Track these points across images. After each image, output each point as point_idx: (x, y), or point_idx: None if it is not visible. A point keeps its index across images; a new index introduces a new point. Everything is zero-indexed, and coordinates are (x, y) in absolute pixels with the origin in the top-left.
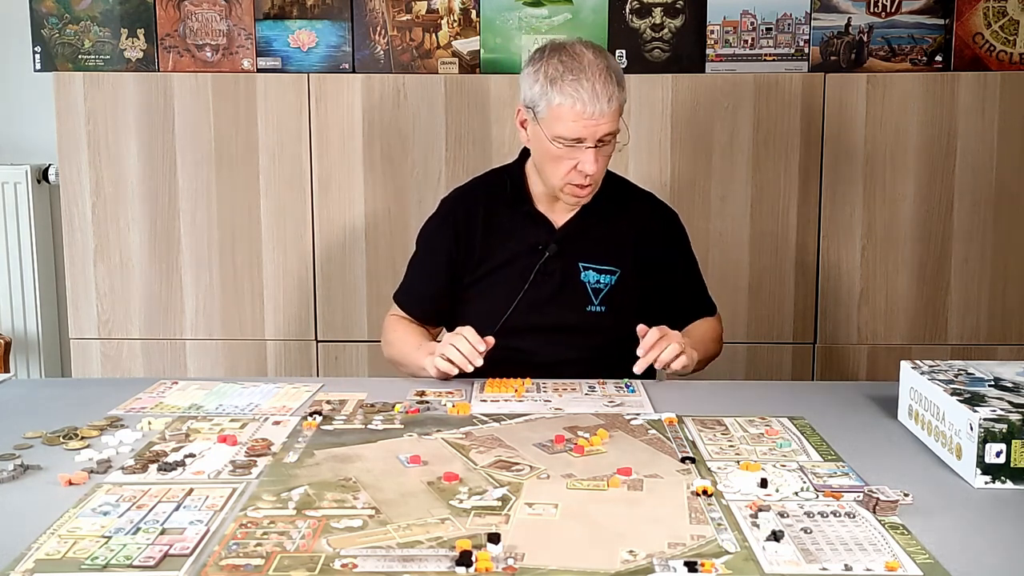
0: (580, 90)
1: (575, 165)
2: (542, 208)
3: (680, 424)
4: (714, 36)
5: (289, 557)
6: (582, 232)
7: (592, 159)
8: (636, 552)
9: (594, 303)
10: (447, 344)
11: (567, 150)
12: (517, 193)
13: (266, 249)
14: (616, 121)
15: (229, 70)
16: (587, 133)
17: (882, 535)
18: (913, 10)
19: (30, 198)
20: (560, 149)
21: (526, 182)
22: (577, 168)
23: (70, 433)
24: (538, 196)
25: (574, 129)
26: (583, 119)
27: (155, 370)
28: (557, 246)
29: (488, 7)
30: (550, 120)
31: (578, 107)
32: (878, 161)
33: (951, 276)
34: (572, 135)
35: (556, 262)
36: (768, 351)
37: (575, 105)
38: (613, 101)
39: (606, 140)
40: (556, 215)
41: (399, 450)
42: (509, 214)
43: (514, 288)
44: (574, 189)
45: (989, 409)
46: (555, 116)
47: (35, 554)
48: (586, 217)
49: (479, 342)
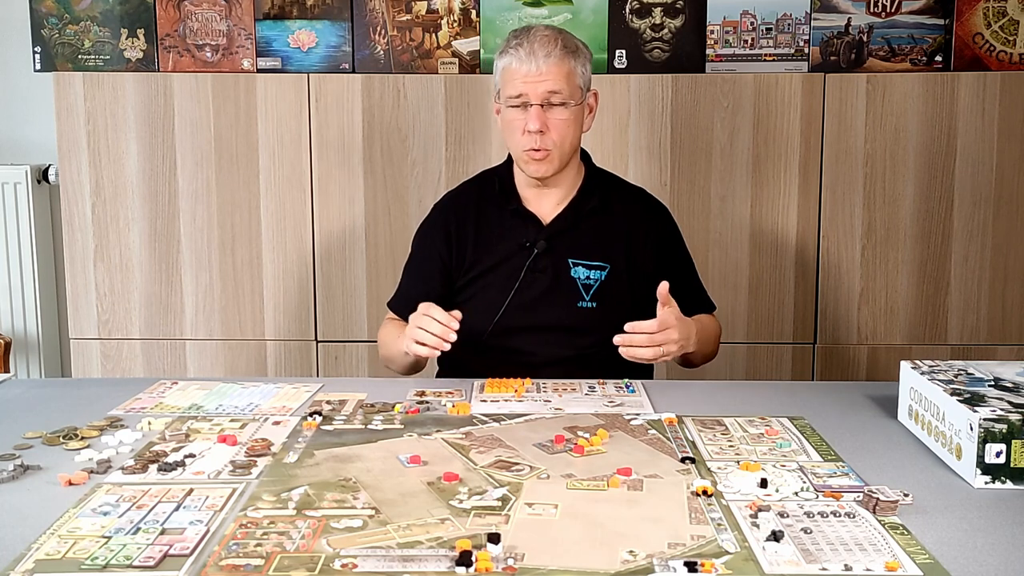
0: (519, 49)
1: (524, 127)
2: (530, 206)
3: (680, 424)
4: (714, 36)
5: (289, 557)
6: (571, 228)
7: (535, 116)
8: (636, 552)
9: (585, 299)
10: (414, 327)
11: (517, 112)
12: (505, 192)
13: (266, 249)
14: (560, 81)
15: (229, 70)
16: (527, 89)
17: (882, 535)
18: (913, 10)
19: (30, 198)
20: (512, 113)
21: (514, 181)
22: (525, 130)
23: (70, 433)
24: (526, 194)
25: (516, 86)
26: (521, 76)
27: (155, 370)
28: (546, 243)
29: (488, 7)
30: (503, 87)
31: (514, 64)
32: (878, 161)
33: (951, 276)
34: (514, 92)
35: (546, 259)
36: (768, 351)
37: (512, 63)
38: (551, 56)
39: (553, 101)
40: (544, 212)
41: (399, 450)
42: (498, 214)
43: (505, 287)
44: (529, 155)
45: (989, 409)
46: (505, 80)
47: (35, 554)
48: (574, 213)
49: (449, 319)
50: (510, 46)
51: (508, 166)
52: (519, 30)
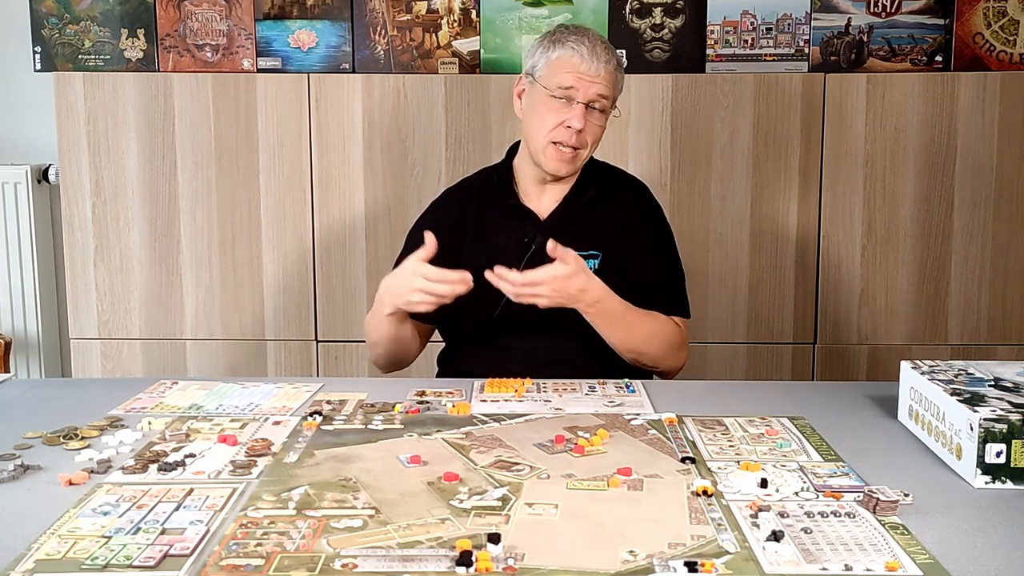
0: (581, 45)
1: (563, 121)
2: (529, 202)
3: (680, 424)
4: (714, 36)
5: (289, 557)
6: (567, 222)
7: (580, 115)
8: (636, 552)
9: None
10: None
11: (558, 103)
12: (503, 187)
13: (266, 249)
14: (609, 88)
15: (229, 70)
16: (580, 85)
17: (882, 535)
18: (913, 10)
19: (30, 198)
20: (552, 102)
21: (513, 177)
22: (564, 124)
23: (70, 433)
24: (525, 190)
25: (568, 78)
26: (579, 71)
27: (155, 370)
28: (543, 238)
29: (488, 7)
30: (547, 75)
31: (575, 59)
32: (878, 161)
33: (951, 276)
34: (566, 83)
35: (543, 254)
36: (768, 351)
37: (573, 57)
38: (610, 63)
39: (596, 106)
40: (542, 207)
41: (399, 450)
42: (497, 210)
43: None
44: (557, 149)
45: (989, 409)
46: (554, 69)
47: (35, 554)
48: (571, 207)
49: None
50: (567, 39)
51: (507, 163)
52: (568, 27)
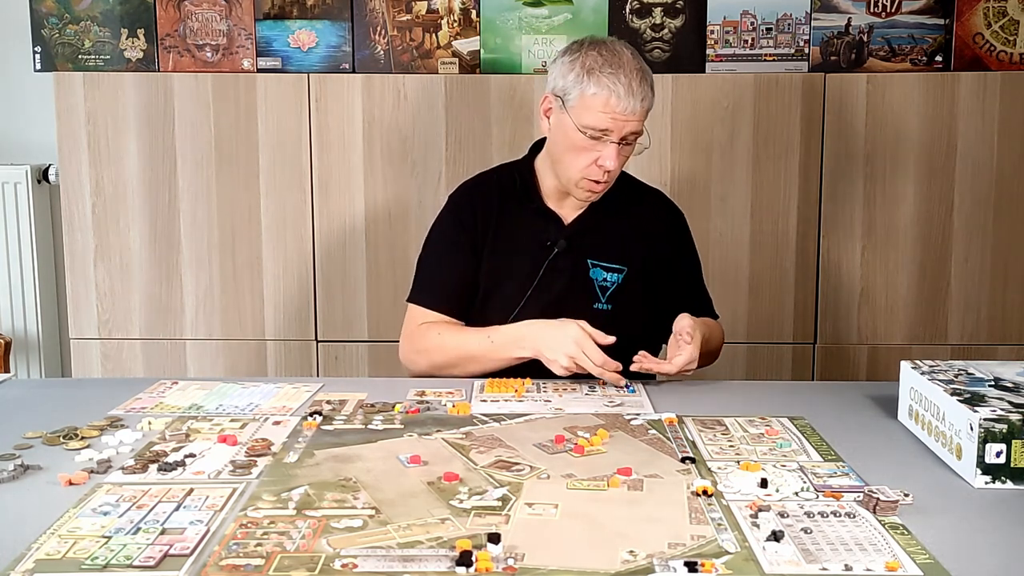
0: (617, 83)
1: (595, 159)
2: (551, 204)
3: (680, 424)
4: (714, 36)
5: (289, 557)
6: (591, 229)
7: (614, 155)
8: (636, 552)
9: (601, 301)
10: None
11: (591, 142)
12: (526, 189)
13: (266, 249)
14: (642, 122)
15: (229, 70)
16: (615, 127)
17: (882, 535)
18: (913, 10)
19: (30, 198)
20: (584, 140)
21: (535, 178)
22: (597, 163)
23: (70, 433)
24: (547, 192)
25: (603, 120)
26: (614, 112)
27: (155, 370)
28: (566, 243)
29: (488, 7)
30: (580, 109)
31: (612, 100)
32: (878, 161)
33: (951, 276)
34: (600, 126)
35: (565, 259)
36: (768, 351)
37: (610, 98)
38: (645, 101)
39: (629, 140)
40: (565, 212)
41: (399, 450)
42: (518, 210)
43: (523, 285)
44: (590, 184)
45: (989, 409)
46: (586, 105)
47: (35, 554)
48: (595, 214)
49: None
50: (603, 74)
51: (529, 164)
52: (603, 50)
